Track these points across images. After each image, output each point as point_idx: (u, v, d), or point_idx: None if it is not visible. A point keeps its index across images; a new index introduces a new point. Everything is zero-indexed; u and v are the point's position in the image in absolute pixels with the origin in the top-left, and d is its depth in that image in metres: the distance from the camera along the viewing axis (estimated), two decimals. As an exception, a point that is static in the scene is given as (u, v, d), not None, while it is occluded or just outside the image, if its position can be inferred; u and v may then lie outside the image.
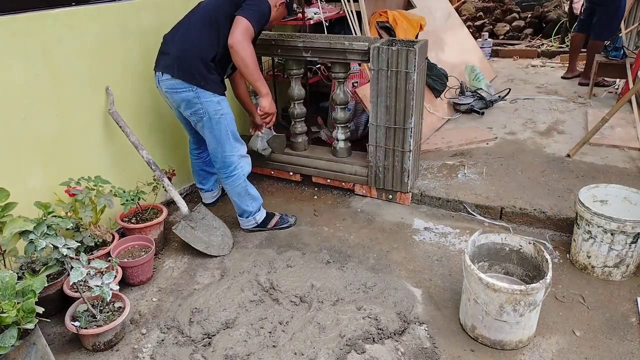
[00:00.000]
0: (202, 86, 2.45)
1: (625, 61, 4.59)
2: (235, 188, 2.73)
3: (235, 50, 2.38)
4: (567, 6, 7.31)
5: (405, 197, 3.15)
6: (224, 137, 2.59)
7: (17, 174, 2.27)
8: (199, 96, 2.46)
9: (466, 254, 2.07)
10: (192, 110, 2.52)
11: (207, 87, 2.46)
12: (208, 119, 2.53)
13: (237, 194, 2.75)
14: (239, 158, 2.68)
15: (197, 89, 2.45)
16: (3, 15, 2.11)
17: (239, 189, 2.73)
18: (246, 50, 2.39)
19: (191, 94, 2.45)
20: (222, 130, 2.57)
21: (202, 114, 2.52)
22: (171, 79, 2.45)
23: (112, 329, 2.02)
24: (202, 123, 2.56)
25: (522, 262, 2.26)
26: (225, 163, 2.66)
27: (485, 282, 1.92)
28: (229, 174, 2.69)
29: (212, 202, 3.17)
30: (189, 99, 2.47)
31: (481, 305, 1.96)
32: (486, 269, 2.34)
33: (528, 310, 1.91)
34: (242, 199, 2.78)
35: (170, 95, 2.52)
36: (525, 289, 1.87)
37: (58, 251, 1.89)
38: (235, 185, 2.72)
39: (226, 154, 2.64)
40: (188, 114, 2.56)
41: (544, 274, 2.00)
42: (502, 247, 2.28)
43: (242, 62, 2.41)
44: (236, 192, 2.75)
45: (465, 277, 2.06)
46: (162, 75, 2.48)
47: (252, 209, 2.83)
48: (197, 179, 3.09)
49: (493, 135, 3.97)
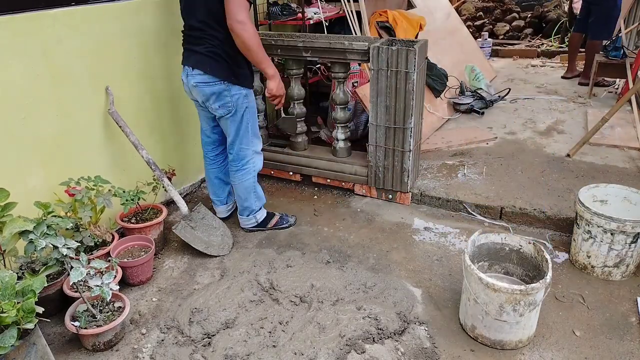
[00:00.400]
0: (232, 81, 2.44)
1: (625, 61, 4.59)
2: (243, 182, 2.72)
3: (235, 33, 2.28)
4: (567, 6, 7.32)
5: (405, 197, 3.15)
6: (243, 130, 2.60)
7: (17, 174, 2.27)
8: (229, 89, 2.46)
9: (466, 254, 2.07)
10: (222, 103, 2.50)
11: (238, 82, 2.47)
12: (235, 112, 2.53)
13: (244, 189, 2.74)
14: (253, 153, 2.69)
15: (228, 83, 2.44)
16: (3, 15, 2.11)
17: (247, 183, 2.73)
18: (248, 31, 2.28)
19: (222, 87, 2.45)
20: (244, 123, 2.58)
21: (231, 107, 2.51)
22: (202, 74, 2.43)
23: (112, 329, 2.02)
24: (228, 116, 2.55)
25: (522, 262, 2.26)
26: (239, 155, 2.67)
27: (485, 282, 1.92)
28: (240, 167, 2.69)
29: (227, 217, 3.07)
30: (219, 92, 2.46)
31: (481, 305, 1.96)
32: (486, 268, 2.34)
33: (528, 310, 1.91)
34: (247, 195, 2.77)
35: (200, 89, 2.48)
36: (525, 289, 1.87)
37: (58, 251, 1.89)
38: (244, 179, 2.72)
39: (242, 147, 2.65)
40: (216, 106, 2.52)
41: (543, 274, 2.00)
42: (502, 247, 2.28)
43: (244, 44, 2.33)
44: (243, 187, 2.74)
45: (465, 277, 2.06)
46: (193, 70, 2.46)
47: (255, 207, 2.83)
48: (211, 190, 3.00)
49: (493, 135, 3.97)
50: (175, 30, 2.98)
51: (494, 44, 7.07)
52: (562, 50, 6.86)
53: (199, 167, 3.45)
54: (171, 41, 2.97)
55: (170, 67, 3.00)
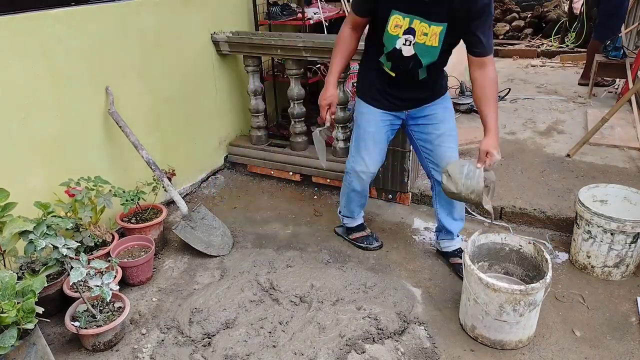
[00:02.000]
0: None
1: (625, 61, 4.59)
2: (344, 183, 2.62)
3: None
4: (567, 6, 7.32)
5: (405, 197, 3.15)
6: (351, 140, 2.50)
7: (17, 174, 2.27)
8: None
9: (466, 254, 2.07)
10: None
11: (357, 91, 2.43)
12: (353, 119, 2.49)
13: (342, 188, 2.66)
14: (350, 167, 2.49)
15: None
16: (3, 15, 2.11)
17: (343, 188, 2.64)
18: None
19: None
20: (353, 132, 2.48)
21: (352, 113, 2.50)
22: None
23: (112, 329, 2.02)
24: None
25: (522, 261, 2.26)
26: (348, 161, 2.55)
27: (485, 282, 1.92)
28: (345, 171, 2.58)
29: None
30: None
31: (481, 305, 1.96)
32: (486, 268, 2.34)
33: (528, 310, 1.91)
34: (340, 197, 2.70)
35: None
36: (525, 289, 1.87)
37: (58, 251, 1.88)
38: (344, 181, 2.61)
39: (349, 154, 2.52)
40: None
41: (543, 274, 2.00)
42: (502, 247, 2.28)
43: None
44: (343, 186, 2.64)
45: (465, 277, 2.06)
46: None
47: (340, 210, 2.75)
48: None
49: (493, 135, 3.96)
50: (176, 30, 3.00)
51: (494, 44, 7.07)
52: (562, 50, 6.86)
53: (199, 167, 3.46)
54: (171, 41, 2.97)
55: (170, 67, 3.00)
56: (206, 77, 3.33)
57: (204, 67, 3.28)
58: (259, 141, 3.57)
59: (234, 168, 3.69)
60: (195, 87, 3.24)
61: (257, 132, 3.55)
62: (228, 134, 3.67)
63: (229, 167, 3.70)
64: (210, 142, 3.52)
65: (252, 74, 3.36)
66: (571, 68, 6.25)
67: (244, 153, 3.60)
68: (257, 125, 3.53)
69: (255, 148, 3.55)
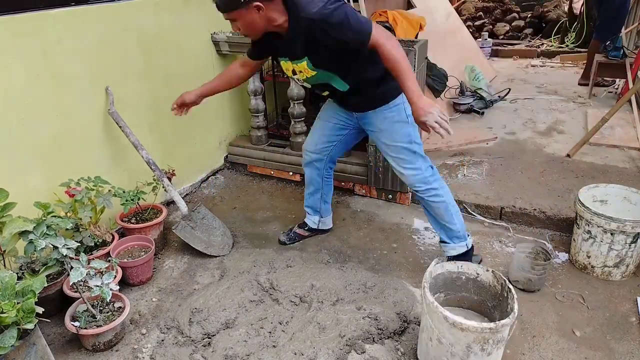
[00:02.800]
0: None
1: (625, 61, 4.59)
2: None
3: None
4: (567, 6, 7.32)
5: (405, 197, 3.15)
6: None
7: (17, 174, 2.27)
8: None
9: (426, 288, 1.84)
10: None
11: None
12: None
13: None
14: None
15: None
16: (3, 15, 2.11)
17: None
18: None
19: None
20: None
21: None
22: None
23: (112, 329, 2.02)
24: None
25: (479, 291, 2.06)
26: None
27: (451, 321, 1.71)
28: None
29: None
30: None
31: (446, 345, 1.76)
32: (442, 300, 2.12)
33: (496, 348, 1.75)
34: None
35: None
36: (496, 326, 1.68)
37: (58, 251, 1.88)
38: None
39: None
40: None
41: (506, 305, 1.85)
42: (459, 276, 2.07)
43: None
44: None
45: (426, 312, 1.82)
46: None
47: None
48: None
49: (493, 135, 3.97)
50: (176, 30, 3.00)
51: (494, 44, 7.07)
52: (562, 50, 6.86)
53: (198, 167, 3.46)
54: (171, 41, 2.97)
55: (170, 67, 3.00)
56: (206, 77, 3.31)
57: (204, 67, 3.28)
58: (259, 141, 3.57)
59: (234, 168, 3.70)
60: (195, 87, 3.23)
61: (257, 132, 3.55)
62: (228, 134, 3.67)
63: (229, 167, 3.70)
64: (210, 142, 3.52)
65: (252, 74, 3.36)
66: (571, 68, 6.25)
67: (244, 153, 3.60)
68: (257, 125, 3.53)
69: (255, 148, 3.56)
